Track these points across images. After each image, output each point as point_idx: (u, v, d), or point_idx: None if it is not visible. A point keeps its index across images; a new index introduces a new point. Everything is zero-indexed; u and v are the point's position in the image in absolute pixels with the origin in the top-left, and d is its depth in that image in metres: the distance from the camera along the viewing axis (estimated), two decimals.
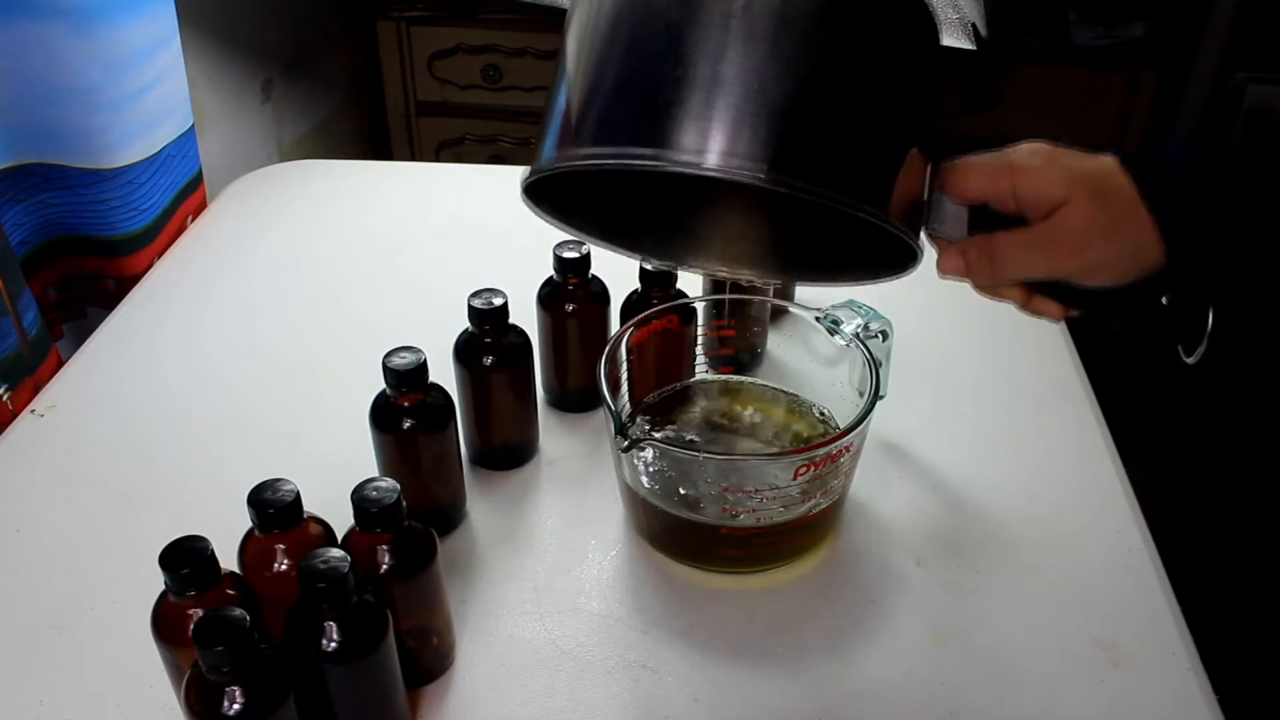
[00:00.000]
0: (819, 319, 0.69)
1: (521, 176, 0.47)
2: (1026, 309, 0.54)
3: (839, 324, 0.67)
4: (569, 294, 0.74)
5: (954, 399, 0.80)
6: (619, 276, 0.76)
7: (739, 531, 0.62)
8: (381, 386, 0.63)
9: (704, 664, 0.60)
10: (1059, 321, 0.53)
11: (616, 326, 0.76)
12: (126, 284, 0.94)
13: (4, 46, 0.81)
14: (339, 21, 1.58)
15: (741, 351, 0.76)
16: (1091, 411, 0.78)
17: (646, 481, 0.65)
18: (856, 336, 0.67)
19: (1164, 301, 0.50)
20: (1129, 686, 0.58)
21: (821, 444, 0.60)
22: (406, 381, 0.62)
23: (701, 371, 0.75)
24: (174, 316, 0.90)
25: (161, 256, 0.98)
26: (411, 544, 0.54)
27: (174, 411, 0.79)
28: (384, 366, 0.62)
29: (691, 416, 0.73)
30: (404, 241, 1.01)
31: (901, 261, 0.49)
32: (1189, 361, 0.51)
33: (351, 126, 1.65)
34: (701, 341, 0.74)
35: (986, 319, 0.90)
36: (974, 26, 1.14)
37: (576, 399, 0.78)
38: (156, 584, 0.50)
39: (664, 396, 0.74)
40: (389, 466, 0.66)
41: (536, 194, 0.49)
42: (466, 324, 0.69)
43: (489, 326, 0.68)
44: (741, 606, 0.63)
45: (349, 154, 1.64)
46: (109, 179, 0.90)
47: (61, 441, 0.77)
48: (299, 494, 0.54)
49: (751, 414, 0.74)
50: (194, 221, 1.03)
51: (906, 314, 0.76)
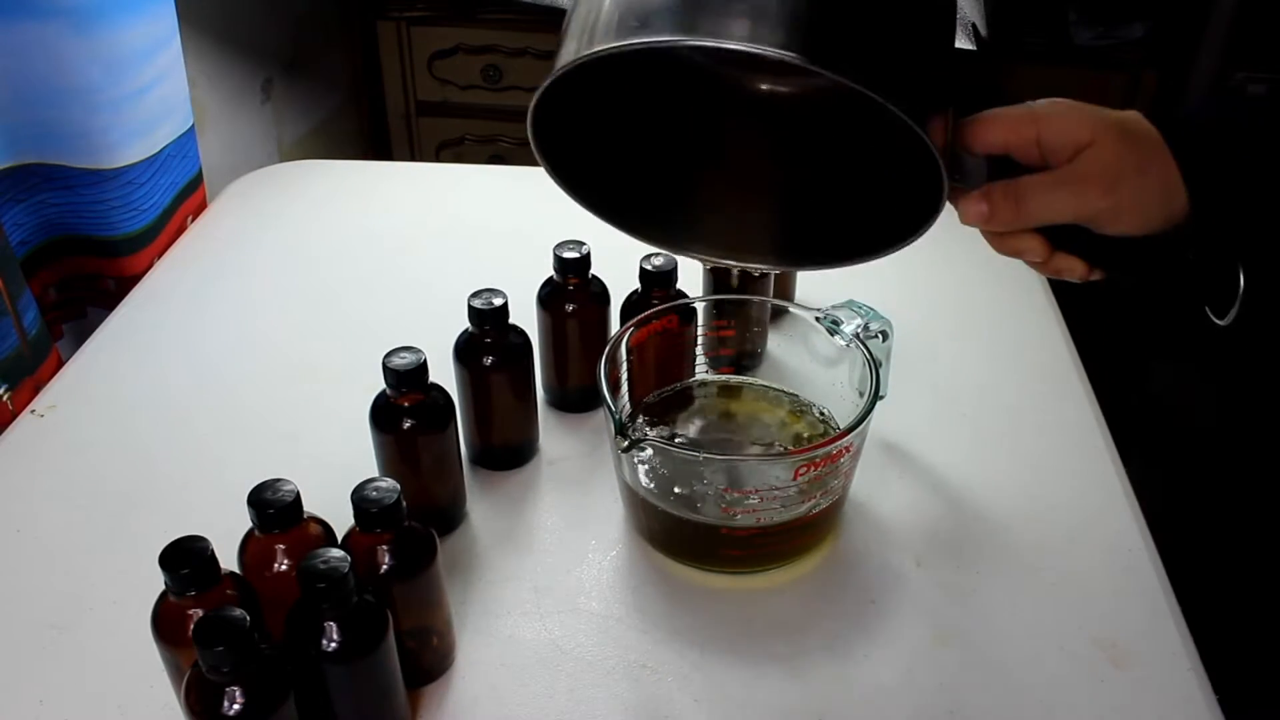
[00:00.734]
0: (819, 319, 0.69)
1: (534, 96, 0.44)
2: (1047, 267, 0.52)
3: (839, 324, 0.67)
4: (569, 294, 0.74)
5: (954, 399, 0.80)
6: (619, 277, 0.76)
7: (739, 532, 0.62)
8: (381, 386, 0.63)
9: (704, 664, 0.60)
10: (1083, 281, 0.51)
11: (616, 327, 0.76)
12: (126, 284, 0.94)
13: (4, 46, 0.81)
14: (339, 21, 1.58)
15: (741, 352, 0.76)
16: (1091, 411, 0.78)
17: (646, 482, 0.65)
18: (856, 337, 0.67)
19: (1190, 258, 0.49)
20: (1129, 686, 0.59)
21: (821, 444, 0.60)
22: (406, 381, 0.62)
23: (701, 372, 0.75)
24: (174, 317, 0.90)
25: (161, 257, 0.98)
26: (411, 544, 0.54)
27: (174, 411, 0.79)
28: (384, 366, 0.62)
29: (691, 417, 0.73)
30: (404, 241, 1.01)
31: (920, 216, 0.47)
32: (1221, 324, 0.50)
33: (351, 126, 1.65)
34: (701, 342, 0.74)
35: (987, 319, 0.90)
36: (974, 26, 1.14)
37: (577, 399, 0.78)
38: (156, 584, 0.50)
39: (664, 397, 0.74)
40: (389, 467, 0.66)
41: (545, 141, 0.47)
42: (466, 324, 0.69)
43: (489, 326, 0.68)
44: (741, 606, 0.63)
45: (349, 154, 1.64)
46: (109, 179, 0.90)
47: (61, 441, 0.77)
48: (299, 494, 0.54)
49: (752, 414, 0.74)
50: (194, 222, 1.04)
51: (907, 314, 0.76)
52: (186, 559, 0.49)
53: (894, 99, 0.42)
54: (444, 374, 0.67)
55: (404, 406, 0.63)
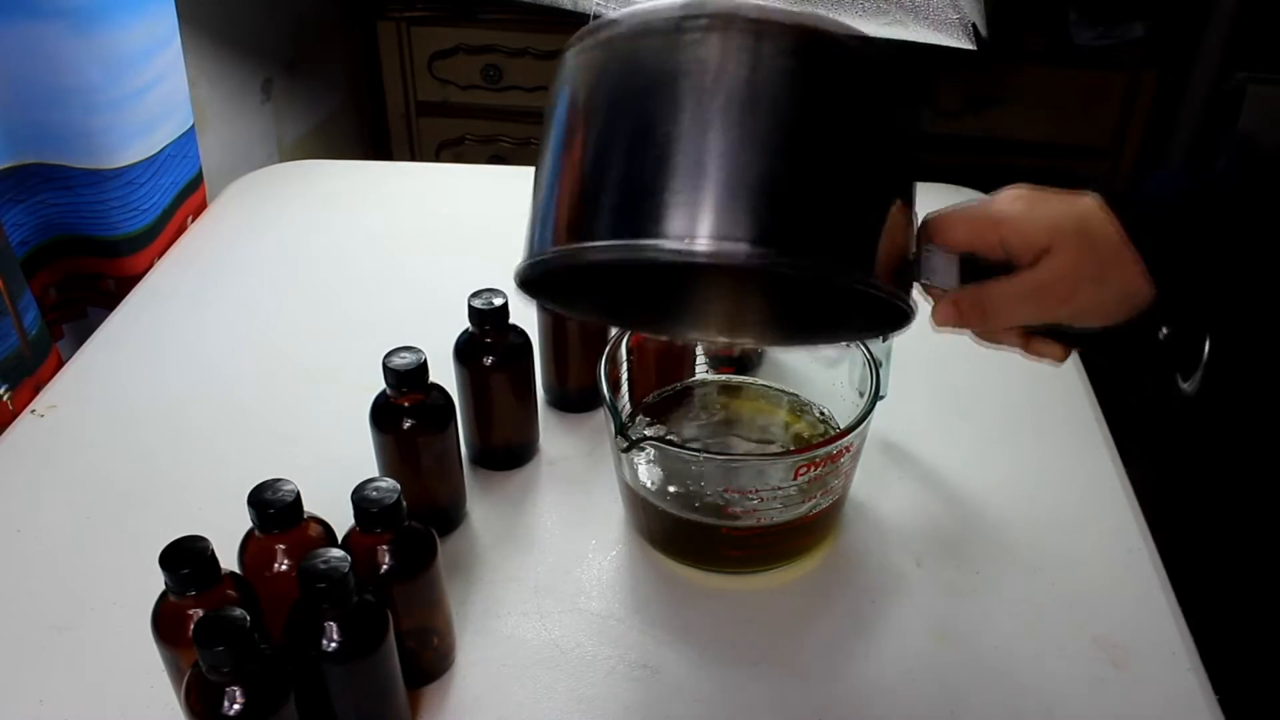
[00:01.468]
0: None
1: (516, 268, 0.47)
2: (1028, 352, 0.55)
3: None
4: None
5: (954, 399, 0.80)
6: None
7: (739, 531, 0.62)
8: (382, 386, 0.63)
9: (704, 664, 0.60)
10: (1061, 363, 0.54)
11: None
12: (127, 284, 0.94)
13: (4, 46, 0.81)
14: (339, 21, 1.58)
15: (742, 352, 0.76)
16: (1091, 411, 0.78)
17: (647, 482, 0.65)
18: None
19: (1162, 334, 0.51)
20: (1129, 686, 0.59)
21: (821, 444, 0.60)
22: (407, 381, 0.62)
23: (702, 372, 0.75)
24: (174, 317, 0.90)
25: (162, 257, 0.98)
26: (412, 544, 0.54)
27: (174, 412, 0.79)
28: (384, 366, 0.62)
29: (692, 416, 0.73)
30: (404, 241, 1.01)
31: (895, 319, 0.49)
32: (1185, 389, 0.51)
33: (351, 126, 1.65)
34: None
35: None
36: (974, 26, 1.14)
37: (577, 399, 0.78)
38: (157, 584, 0.50)
39: (664, 397, 0.74)
40: (389, 467, 0.66)
41: (532, 285, 0.49)
42: (467, 324, 0.69)
43: (489, 326, 0.68)
44: (741, 606, 0.63)
45: (349, 154, 1.64)
46: (109, 179, 0.90)
47: (62, 442, 0.77)
48: (299, 494, 0.54)
49: (752, 414, 0.74)
50: (194, 222, 1.04)
51: None
52: (187, 559, 0.49)
53: (847, 279, 0.44)
54: (444, 374, 0.67)
55: (404, 406, 0.63)
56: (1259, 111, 1.31)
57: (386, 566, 0.53)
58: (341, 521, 0.55)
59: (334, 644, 0.49)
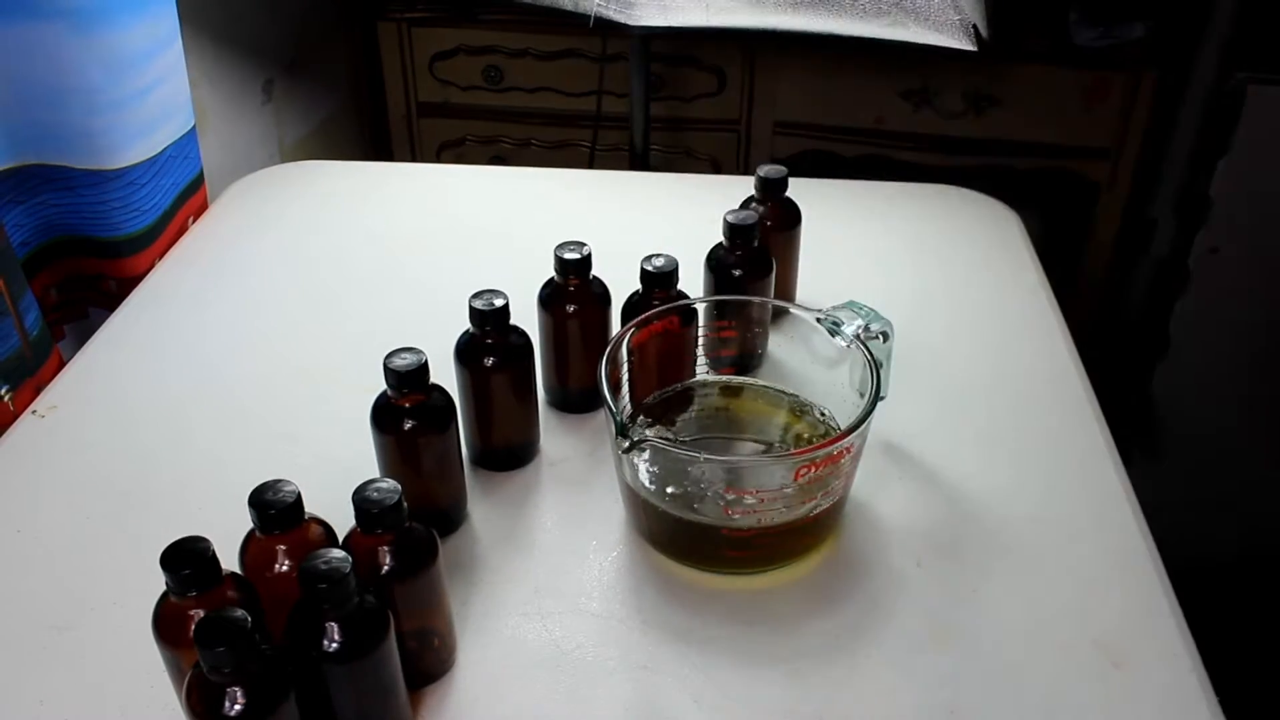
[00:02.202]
0: (819, 320, 0.69)
1: None
2: None
3: (839, 325, 0.67)
4: (570, 295, 0.74)
5: (954, 399, 0.80)
6: (620, 277, 0.76)
7: (739, 532, 0.62)
8: (382, 387, 0.63)
9: (704, 664, 0.60)
10: None
11: (617, 327, 0.76)
12: (128, 285, 0.94)
13: (5, 47, 0.81)
14: (340, 22, 1.58)
15: (742, 353, 0.76)
16: (1091, 411, 0.78)
17: (647, 482, 0.65)
18: (857, 338, 0.67)
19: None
20: (1129, 686, 0.59)
21: (822, 445, 0.60)
22: (407, 382, 0.62)
23: (702, 372, 0.75)
24: (175, 317, 0.90)
25: (163, 257, 0.98)
26: (413, 545, 0.54)
27: (175, 412, 0.79)
28: (385, 367, 0.62)
29: (692, 417, 0.73)
30: (405, 242, 1.01)
31: None
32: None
33: (352, 127, 1.65)
34: (702, 342, 0.74)
35: (987, 319, 0.90)
36: (974, 26, 1.14)
37: (578, 400, 0.78)
38: (157, 585, 0.50)
39: (665, 398, 0.74)
40: (390, 467, 0.66)
41: None
42: (467, 325, 0.69)
43: (490, 327, 0.68)
44: (742, 607, 0.63)
45: (350, 155, 1.64)
46: (110, 180, 0.90)
47: (63, 442, 0.77)
48: (300, 495, 0.54)
49: (752, 415, 0.74)
50: (195, 222, 1.04)
51: (907, 315, 0.76)
52: (187, 559, 0.49)
53: None
54: (445, 375, 0.67)
55: (405, 407, 0.63)
56: (1259, 112, 1.31)
57: (387, 567, 0.53)
58: (342, 522, 0.55)
59: (335, 644, 0.49)
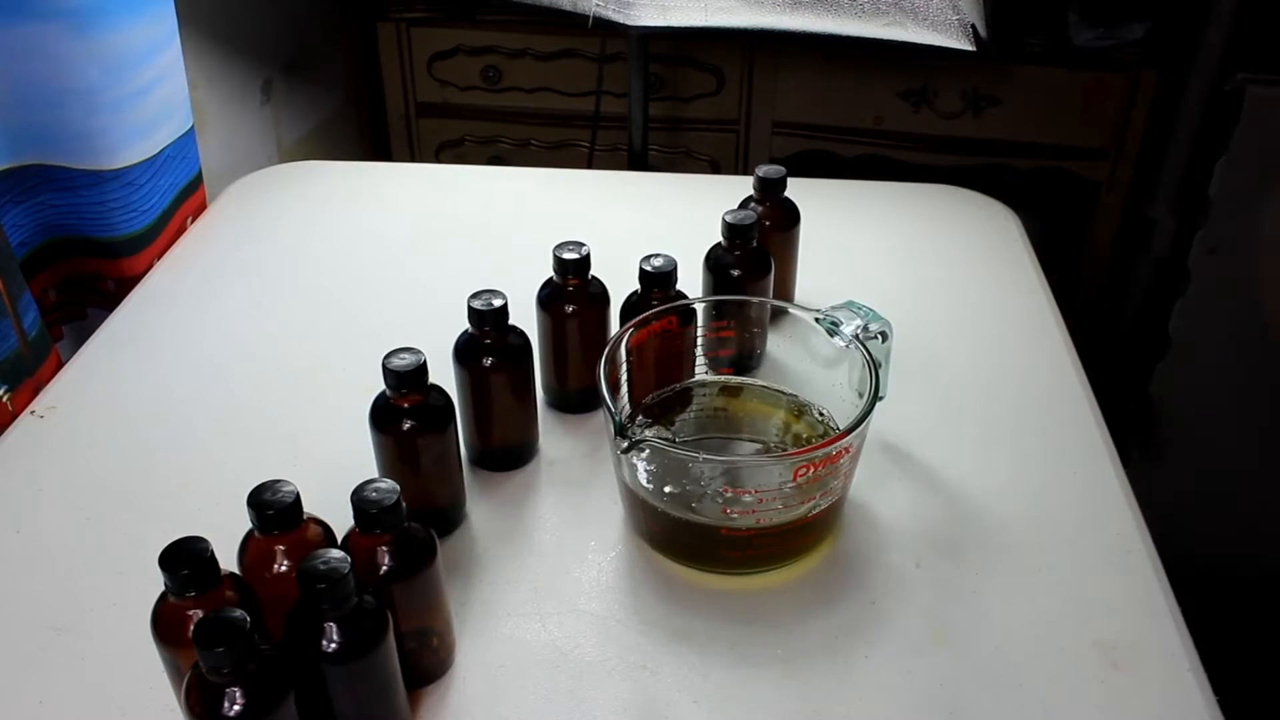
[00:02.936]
0: (818, 320, 0.69)
1: None
2: None
3: (838, 325, 0.67)
4: (569, 295, 0.74)
5: (954, 399, 0.80)
6: (619, 278, 0.76)
7: (738, 532, 0.62)
8: (381, 387, 0.63)
9: (704, 664, 0.60)
10: None
11: (616, 327, 0.76)
12: (126, 285, 0.94)
13: (4, 47, 0.81)
14: (339, 22, 1.58)
15: (741, 353, 0.76)
16: (1091, 411, 0.78)
17: (646, 482, 0.65)
18: (856, 338, 0.67)
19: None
20: (1129, 687, 0.59)
21: (821, 445, 0.60)
22: (406, 382, 0.62)
23: (701, 372, 0.75)
24: (174, 318, 0.90)
25: (161, 258, 0.98)
26: (411, 545, 0.54)
27: (174, 412, 0.79)
28: (384, 367, 0.62)
29: (691, 417, 0.73)
30: (404, 242, 1.01)
31: None
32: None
33: (351, 128, 1.65)
34: (701, 342, 0.74)
35: (987, 319, 0.90)
36: (974, 27, 1.14)
37: (576, 400, 0.78)
38: (156, 585, 0.50)
39: (664, 398, 0.74)
40: (389, 468, 0.66)
41: None
42: (466, 325, 0.69)
43: (489, 327, 0.68)
44: (741, 607, 0.63)
45: (349, 155, 1.64)
46: (109, 180, 0.90)
47: (61, 442, 0.77)
48: (299, 495, 0.54)
49: (751, 415, 0.74)
50: (194, 223, 1.04)
51: (906, 315, 0.76)
52: (186, 560, 0.49)
53: None
54: (444, 375, 0.67)
55: (404, 407, 0.63)
56: (1259, 112, 1.31)
57: (386, 568, 0.53)
58: (341, 522, 0.55)
59: (334, 645, 0.49)
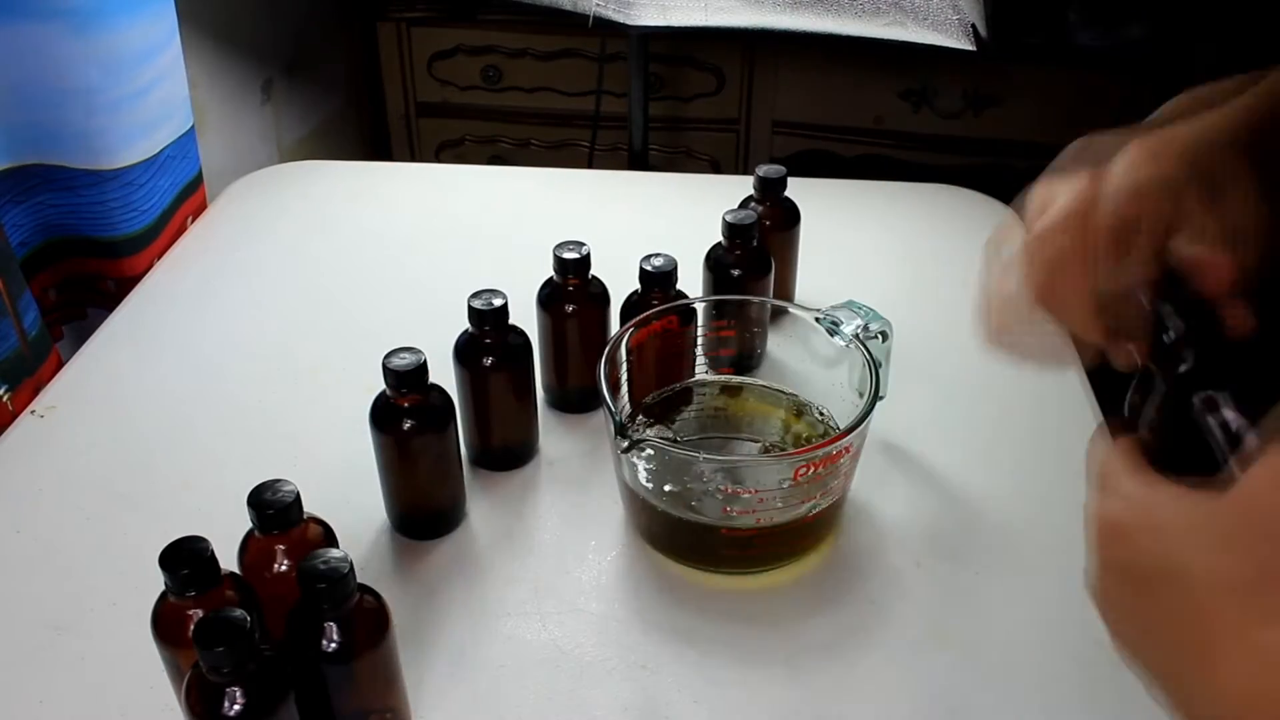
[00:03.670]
0: (818, 320, 0.69)
1: None
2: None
3: (838, 325, 0.67)
4: (569, 295, 0.74)
5: (954, 399, 0.80)
6: (619, 277, 0.76)
7: (739, 532, 0.62)
8: (382, 387, 0.63)
9: (704, 664, 0.60)
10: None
11: (616, 327, 0.76)
12: (126, 285, 0.94)
13: (4, 47, 0.81)
14: (339, 22, 1.58)
15: (741, 352, 0.76)
16: (1091, 411, 0.78)
17: (646, 481, 0.65)
18: (856, 337, 0.67)
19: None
20: (1129, 687, 0.58)
21: (821, 445, 0.60)
22: (406, 382, 0.62)
23: (701, 372, 0.75)
24: (174, 317, 0.90)
25: (161, 257, 0.98)
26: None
27: (174, 412, 0.79)
28: (384, 367, 0.62)
29: (691, 417, 0.73)
30: (404, 242, 1.01)
31: None
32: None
33: (351, 127, 1.65)
34: (701, 342, 0.74)
35: None
36: (974, 27, 1.14)
37: (576, 399, 0.78)
38: (156, 584, 0.50)
39: (664, 397, 0.74)
40: (389, 467, 0.66)
41: None
42: (466, 324, 0.69)
43: (489, 327, 0.68)
44: (741, 607, 0.63)
45: (349, 155, 1.64)
46: (109, 180, 0.90)
47: (61, 442, 0.77)
48: (299, 495, 0.54)
49: (751, 415, 0.74)
50: (194, 222, 1.04)
51: (906, 315, 0.76)
52: (186, 559, 0.49)
53: None
54: (444, 374, 0.67)
55: (404, 407, 0.63)
56: None
57: (335, 645, 0.49)
58: (341, 522, 0.55)
59: (334, 644, 0.49)
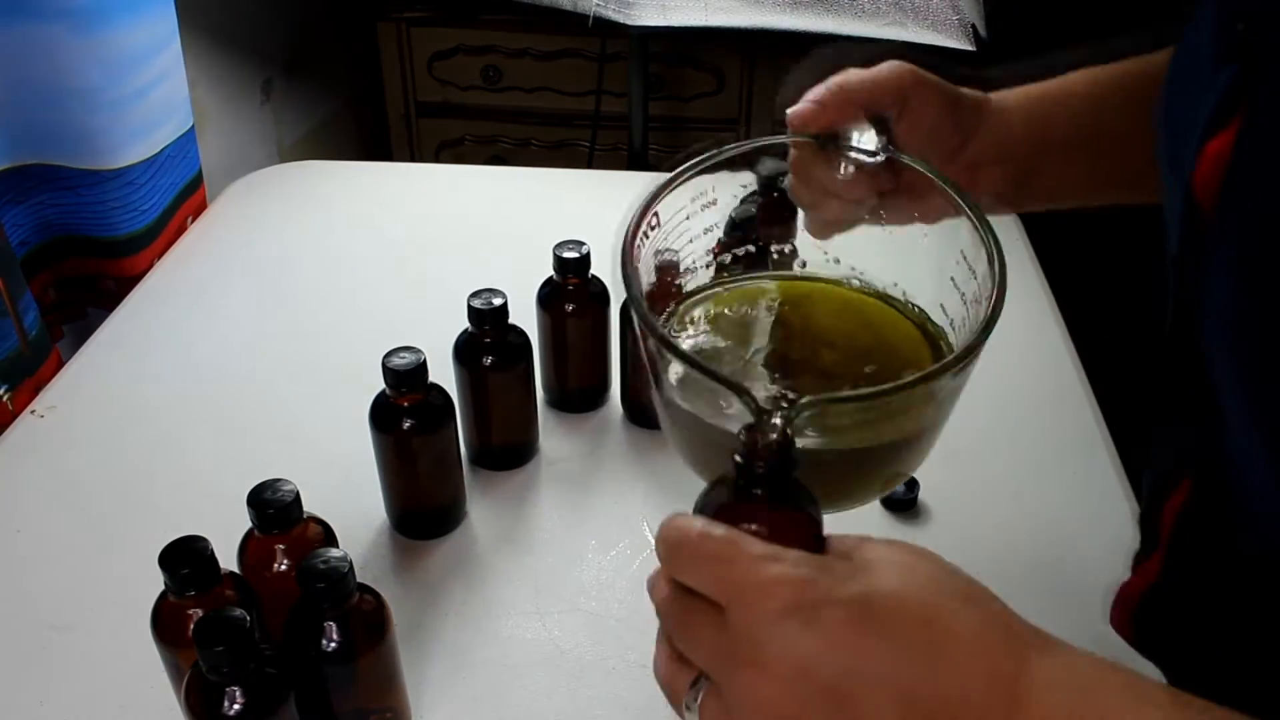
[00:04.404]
0: (820, 143, 0.50)
1: None
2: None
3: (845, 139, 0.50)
4: (569, 294, 0.74)
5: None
6: (619, 277, 0.76)
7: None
8: (381, 386, 0.63)
9: None
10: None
11: (616, 327, 0.76)
12: (126, 285, 0.94)
13: (5, 47, 0.81)
14: (339, 22, 1.58)
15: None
16: (1091, 412, 0.78)
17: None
18: (887, 149, 0.49)
19: None
20: None
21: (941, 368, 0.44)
22: (406, 381, 0.62)
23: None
24: (174, 317, 0.90)
25: (161, 257, 0.98)
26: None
27: (174, 411, 0.79)
28: (384, 367, 0.62)
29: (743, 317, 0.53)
30: (404, 242, 1.01)
31: None
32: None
33: (351, 127, 1.65)
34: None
35: None
36: (974, 27, 1.14)
37: (577, 399, 0.78)
38: (156, 584, 0.50)
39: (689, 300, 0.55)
40: (388, 467, 0.66)
41: None
42: (466, 324, 0.69)
43: (489, 326, 0.68)
44: None
45: (349, 155, 1.64)
46: (109, 180, 0.90)
47: (62, 442, 0.77)
48: (299, 494, 0.54)
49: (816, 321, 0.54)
50: (194, 222, 1.04)
51: None
52: (186, 559, 0.49)
53: None
54: (444, 374, 0.67)
55: (404, 406, 0.63)
56: None
57: (335, 645, 0.49)
58: (341, 522, 0.55)
59: (334, 644, 0.49)
